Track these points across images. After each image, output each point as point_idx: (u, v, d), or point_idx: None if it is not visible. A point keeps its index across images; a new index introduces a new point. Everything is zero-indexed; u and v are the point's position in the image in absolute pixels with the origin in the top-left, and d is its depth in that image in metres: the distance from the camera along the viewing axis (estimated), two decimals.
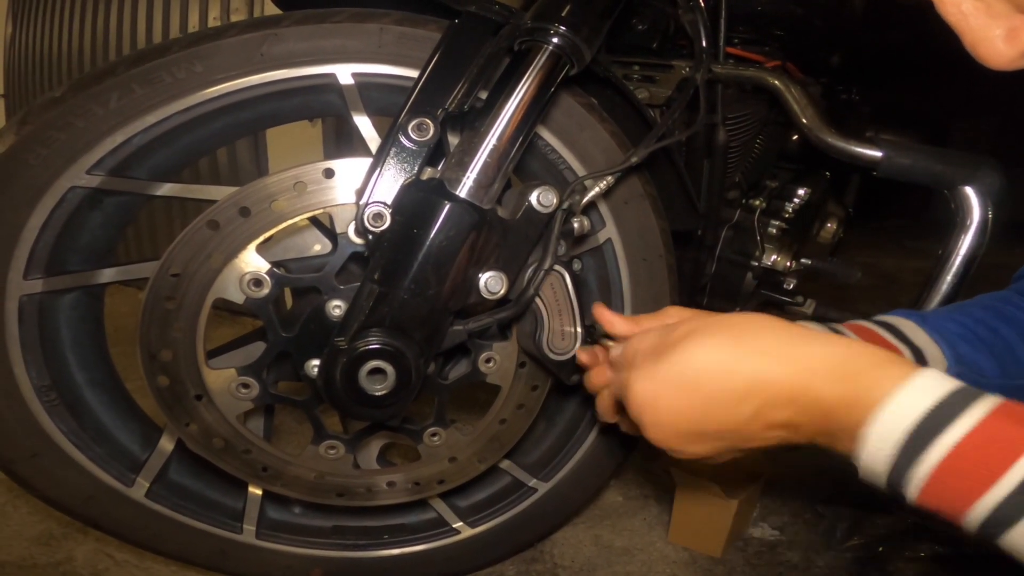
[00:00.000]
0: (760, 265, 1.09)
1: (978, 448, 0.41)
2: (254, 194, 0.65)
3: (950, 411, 0.42)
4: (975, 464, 0.41)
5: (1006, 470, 0.40)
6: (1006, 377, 0.65)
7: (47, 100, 0.64)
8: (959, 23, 0.44)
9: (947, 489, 0.42)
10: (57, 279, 0.68)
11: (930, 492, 0.42)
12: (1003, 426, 0.41)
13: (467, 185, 0.61)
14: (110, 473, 0.74)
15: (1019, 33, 0.43)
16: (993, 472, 0.40)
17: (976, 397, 0.42)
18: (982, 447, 0.41)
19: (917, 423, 0.42)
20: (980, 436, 0.41)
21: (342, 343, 0.63)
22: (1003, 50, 0.43)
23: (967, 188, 0.85)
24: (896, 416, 0.42)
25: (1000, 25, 0.43)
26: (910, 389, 0.43)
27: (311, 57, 0.67)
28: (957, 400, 0.42)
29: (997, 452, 0.40)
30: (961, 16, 0.44)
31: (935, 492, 0.42)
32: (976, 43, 0.44)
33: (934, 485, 0.42)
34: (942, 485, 0.42)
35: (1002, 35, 0.43)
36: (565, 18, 0.63)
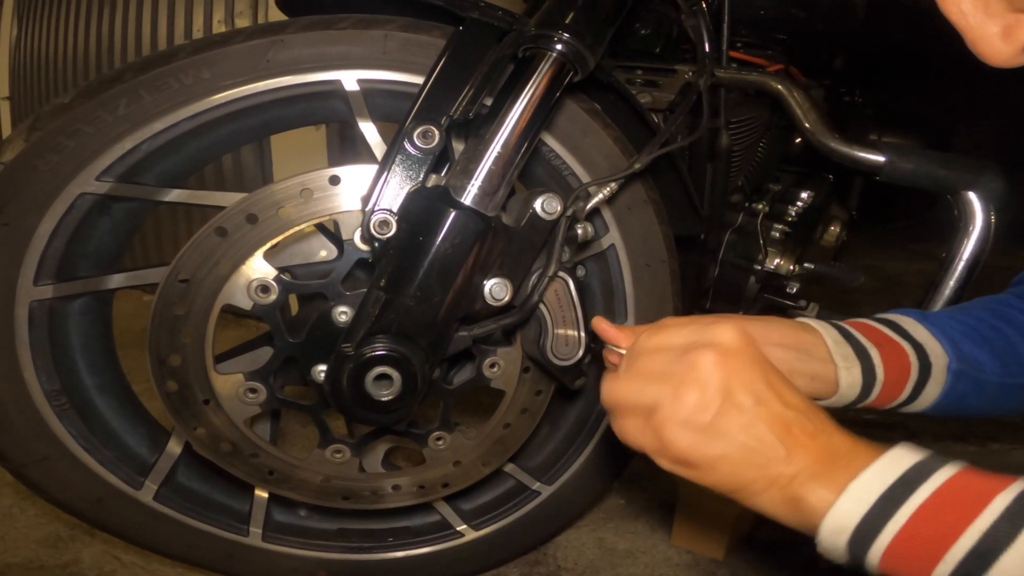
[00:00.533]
0: (763, 269, 1.09)
1: (907, 547, 0.43)
2: (261, 201, 0.66)
3: (883, 512, 0.44)
4: (920, 547, 0.43)
5: (948, 549, 0.41)
6: (1007, 375, 0.65)
7: (56, 106, 0.65)
8: (959, 21, 0.45)
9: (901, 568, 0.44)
10: (67, 285, 0.68)
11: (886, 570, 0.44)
12: (926, 527, 0.43)
13: (472, 192, 0.62)
14: (119, 476, 0.75)
15: (1015, 31, 0.44)
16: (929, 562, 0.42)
17: (915, 484, 0.44)
18: (917, 540, 0.43)
19: (853, 531, 0.44)
20: (911, 532, 0.43)
21: (349, 349, 0.64)
22: (1001, 47, 0.44)
23: (970, 193, 0.85)
24: (838, 523, 0.45)
25: (997, 23, 0.44)
26: (847, 498, 0.45)
27: (316, 64, 0.68)
28: (887, 500, 0.44)
29: (925, 550, 0.42)
30: (961, 15, 0.45)
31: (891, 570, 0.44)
32: (975, 41, 0.45)
33: (886, 569, 0.44)
34: (894, 568, 0.44)
35: (999, 33, 0.44)
36: (569, 25, 0.63)
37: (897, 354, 0.63)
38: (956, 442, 1.30)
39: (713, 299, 1.09)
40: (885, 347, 0.63)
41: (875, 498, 0.44)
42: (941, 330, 0.65)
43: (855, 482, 0.45)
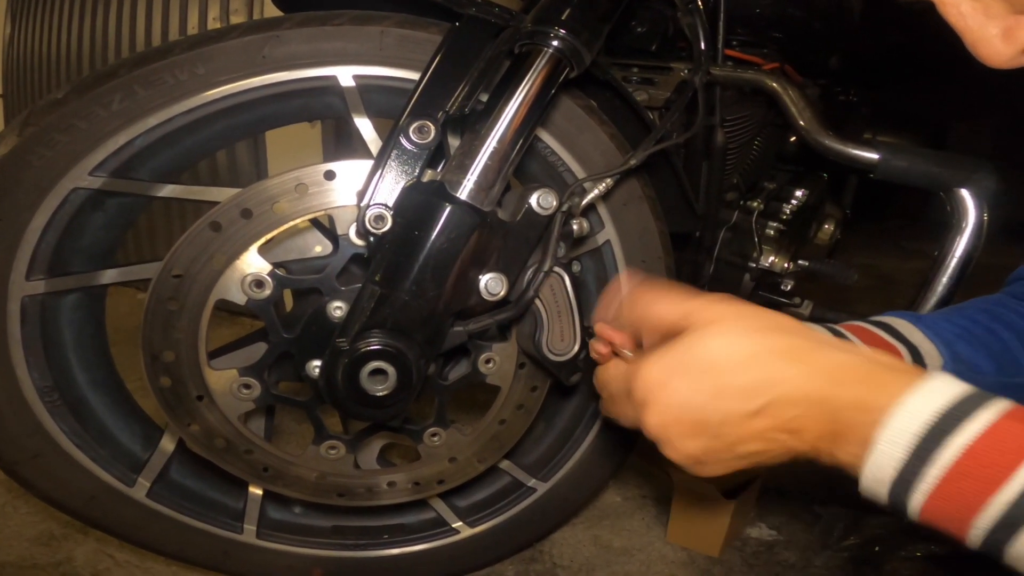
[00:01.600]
0: (758, 267, 1.10)
1: (989, 449, 0.40)
2: (256, 196, 0.66)
3: (961, 413, 0.41)
4: (986, 465, 0.40)
5: (1015, 469, 0.39)
6: (1003, 375, 0.66)
7: (49, 102, 0.64)
8: (959, 23, 0.45)
9: (956, 493, 0.41)
10: (59, 280, 0.68)
11: (938, 497, 0.41)
12: (1015, 427, 0.40)
13: (468, 187, 0.62)
14: (112, 473, 0.75)
15: (1015, 32, 0.44)
16: (1003, 472, 0.39)
17: (988, 399, 0.42)
18: (993, 448, 0.40)
19: (930, 424, 0.41)
20: (992, 437, 0.40)
21: (344, 344, 0.64)
22: (1001, 49, 0.44)
23: (963, 190, 0.86)
24: (909, 418, 0.42)
25: (997, 25, 0.44)
26: (923, 392, 0.42)
27: (312, 59, 0.68)
28: (969, 403, 0.42)
29: (1008, 452, 0.40)
30: (960, 17, 0.45)
31: (943, 496, 0.41)
32: (975, 42, 0.45)
33: (944, 488, 0.41)
34: (952, 488, 0.41)
35: (999, 34, 0.44)
36: (565, 21, 0.63)
37: (892, 356, 0.63)
38: None
39: None
40: (880, 350, 0.63)
41: (912, 444, 0.41)
42: (936, 332, 0.66)
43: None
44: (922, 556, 0.98)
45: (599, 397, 0.65)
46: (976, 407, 0.41)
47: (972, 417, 0.41)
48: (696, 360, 0.48)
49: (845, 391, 0.44)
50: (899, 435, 0.42)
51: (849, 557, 1.01)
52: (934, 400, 0.42)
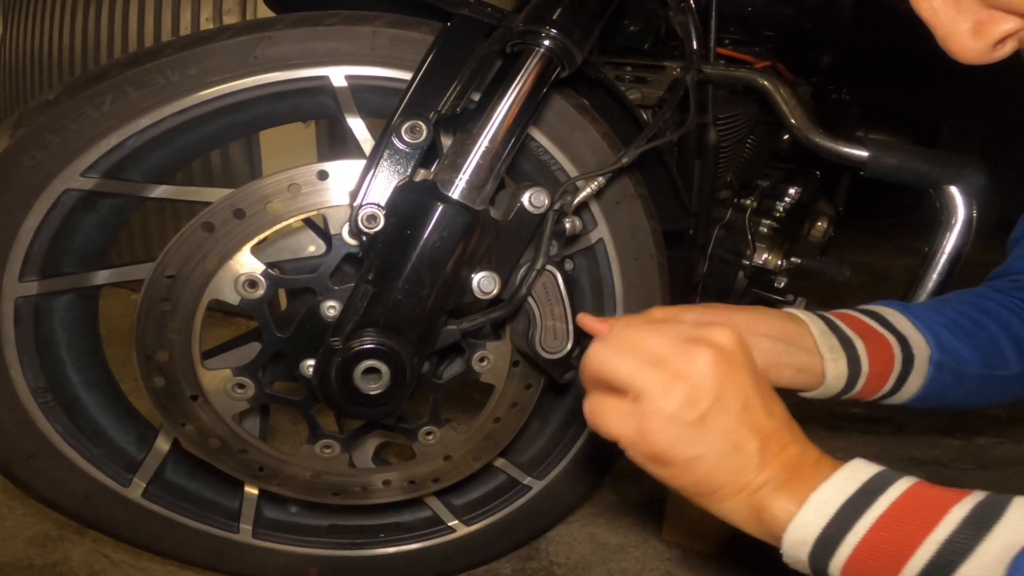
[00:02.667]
0: (751, 264, 1.10)
1: (900, 517, 0.43)
2: (249, 196, 0.66)
3: (877, 488, 0.45)
4: (899, 530, 0.43)
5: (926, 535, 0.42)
6: (986, 367, 0.66)
7: (41, 103, 0.64)
8: (930, 18, 0.45)
9: (874, 556, 0.44)
10: (52, 281, 0.68)
11: (856, 561, 0.44)
12: (925, 492, 0.44)
13: (460, 186, 0.62)
14: (107, 473, 0.75)
15: (986, 27, 0.44)
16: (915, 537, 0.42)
17: (898, 476, 0.45)
18: (904, 515, 0.43)
19: (812, 546, 0.45)
20: (903, 506, 0.44)
21: (337, 343, 0.64)
22: (971, 44, 0.44)
23: (952, 188, 0.87)
24: (799, 535, 0.46)
25: (968, 19, 0.44)
26: (808, 510, 0.45)
27: (305, 60, 0.68)
28: (883, 478, 0.45)
29: (920, 516, 0.43)
30: (932, 11, 0.45)
31: (861, 560, 0.44)
32: (946, 37, 0.45)
33: (861, 551, 0.44)
34: (869, 552, 0.44)
35: (969, 29, 0.44)
36: (556, 21, 0.63)
37: (881, 346, 0.64)
38: (942, 436, 1.32)
39: (702, 294, 1.09)
40: (870, 339, 0.64)
41: (835, 510, 0.45)
42: (924, 322, 0.66)
43: (816, 493, 0.45)
44: None
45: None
46: (895, 478, 0.45)
47: (893, 484, 0.45)
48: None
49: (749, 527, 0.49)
50: (827, 500, 0.45)
51: None
52: (860, 473, 0.46)
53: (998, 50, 0.45)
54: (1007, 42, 0.45)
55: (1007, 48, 0.45)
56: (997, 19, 0.43)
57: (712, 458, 0.47)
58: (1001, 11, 0.43)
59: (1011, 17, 0.43)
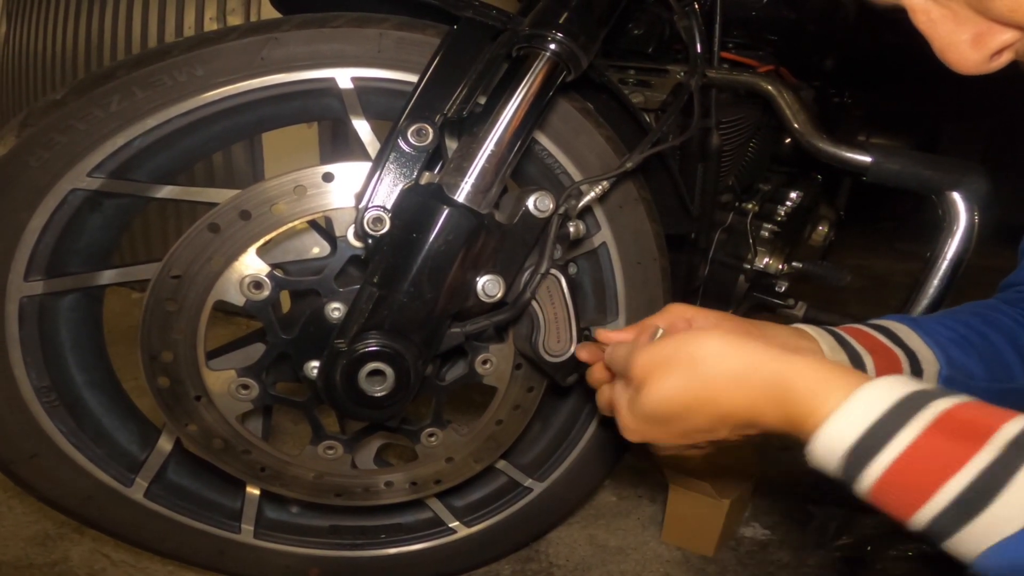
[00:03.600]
0: (752, 268, 1.11)
1: (910, 468, 0.42)
2: (254, 198, 0.66)
3: (886, 430, 0.43)
4: (909, 482, 0.42)
5: (937, 489, 0.41)
6: (994, 380, 0.67)
7: (48, 103, 0.64)
8: (929, 30, 0.46)
9: (888, 501, 0.44)
10: (57, 281, 0.68)
11: (875, 501, 0.44)
12: (937, 443, 0.42)
13: (465, 190, 0.62)
14: (109, 473, 0.75)
15: (984, 38, 0.44)
16: (925, 492, 0.42)
17: (912, 412, 0.43)
18: (914, 467, 0.42)
19: (851, 446, 0.43)
20: (912, 456, 0.42)
21: (342, 345, 0.64)
22: (969, 55, 0.45)
23: (954, 193, 0.87)
24: (832, 440, 0.44)
25: (966, 31, 0.45)
26: (845, 412, 0.44)
27: (311, 61, 0.68)
28: (893, 418, 0.43)
29: (929, 471, 0.42)
30: (930, 23, 0.46)
31: (879, 501, 0.44)
32: (944, 49, 0.46)
33: (877, 496, 0.44)
34: (883, 497, 0.44)
35: (968, 40, 0.45)
36: (563, 25, 0.64)
37: (890, 361, 0.64)
38: None
39: (703, 297, 1.10)
40: (879, 354, 0.64)
41: (878, 415, 0.43)
42: (933, 338, 0.66)
43: (860, 391, 0.44)
44: (914, 555, 0.99)
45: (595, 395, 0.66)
46: (898, 425, 0.43)
47: (893, 438, 0.43)
48: (655, 412, 0.53)
49: (775, 413, 0.48)
50: (829, 454, 0.44)
51: (842, 556, 1.02)
52: (856, 423, 0.44)
53: (995, 61, 0.46)
54: (1004, 53, 0.45)
55: (1004, 59, 0.46)
56: (996, 31, 0.44)
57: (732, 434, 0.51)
58: (999, 23, 0.44)
59: (1009, 29, 0.44)
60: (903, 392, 0.44)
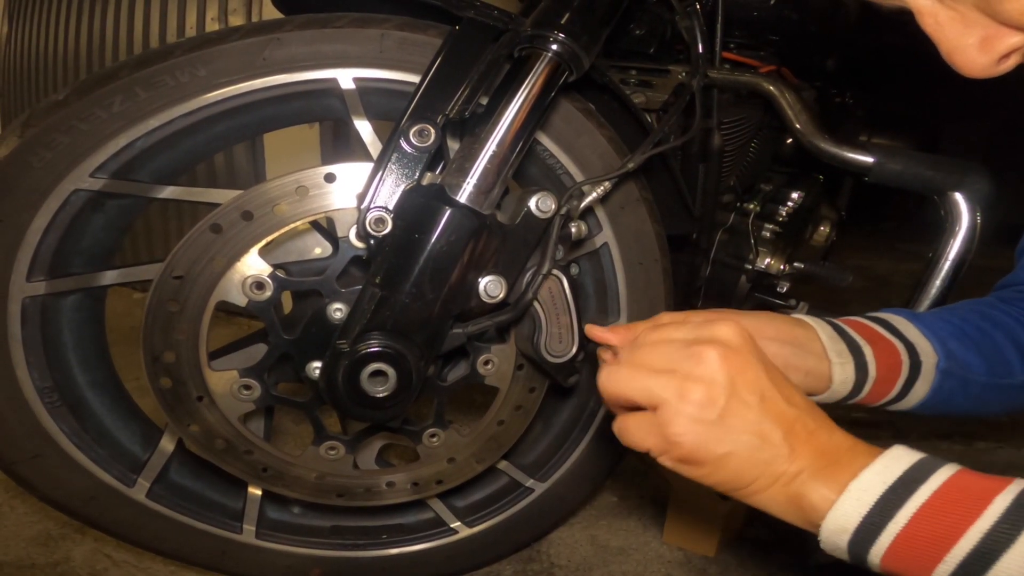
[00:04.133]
0: (754, 268, 1.10)
1: (912, 542, 0.43)
2: (257, 198, 0.66)
3: (920, 474, 0.44)
4: (914, 555, 0.43)
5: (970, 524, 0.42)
6: (993, 376, 0.67)
7: (50, 103, 0.64)
8: (936, 33, 0.46)
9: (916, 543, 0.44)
10: (60, 281, 0.68)
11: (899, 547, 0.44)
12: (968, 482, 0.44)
13: (467, 191, 0.62)
14: (111, 474, 0.75)
15: (992, 42, 0.44)
16: (931, 562, 0.43)
17: (941, 463, 0.45)
18: (917, 540, 0.43)
19: (892, 483, 0.45)
20: (910, 533, 0.43)
21: (344, 345, 0.64)
22: (977, 58, 0.45)
23: (956, 194, 0.87)
24: (835, 535, 0.45)
25: (974, 34, 0.45)
26: (839, 508, 0.45)
27: (313, 62, 0.68)
28: (926, 465, 0.45)
29: (927, 548, 0.43)
30: (937, 26, 0.46)
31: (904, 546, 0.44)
32: (952, 51, 0.46)
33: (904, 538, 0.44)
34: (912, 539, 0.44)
35: (975, 43, 0.45)
36: (564, 26, 0.64)
37: (889, 352, 0.64)
38: (942, 440, 1.32)
39: (704, 298, 1.10)
40: (878, 345, 0.64)
41: (876, 498, 0.44)
42: (931, 330, 0.66)
43: (856, 481, 0.45)
44: None
45: (599, 397, 0.65)
46: (937, 466, 0.45)
47: (936, 472, 0.44)
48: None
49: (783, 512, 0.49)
50: (867, 487, 0.45)
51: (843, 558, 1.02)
52: (901, 461, 0.45)
53: (1003, 64, 0.46)
54: (1012, 56, 0.45)
55: (1011, 62, 0.46)
56: (1004, 34, 0.44)
57: (741, 453, 0.47)
58: (1008, 26, 0.43)
59: (1018, 32, 0.44)
60: (896, 474, 0.45)
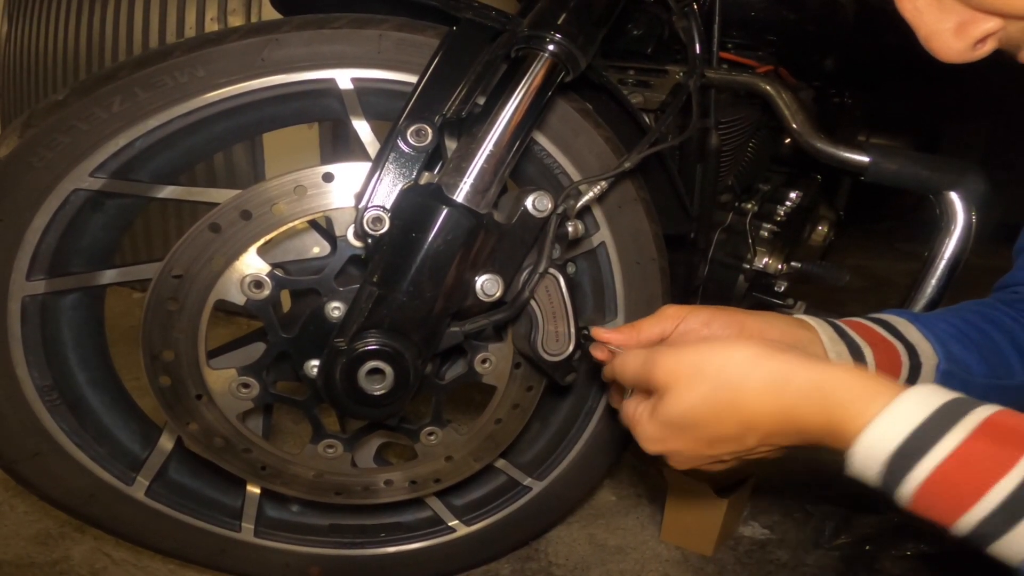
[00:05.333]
0: (752, 268, 1.11)
1: (957, 471, 0.42)
2: (255, 198, 0.66)
3: (931, 434, 0.43)
4: (955, 486, 0.42)
5: (985, 492, 0.41)
6: (993, 377, 0.67)
7: (50, 103, 0.65)
8: (914, 19, 0.47)
9: (932, 505, 0.43)
10: (59, 280, 0.68)
11: (918, 506, 0.44)
12: (983, 447, 0.42)
13: (464, 190, 0.63)
14: (111, 472, 0.75)
15: (967, 27, 0.45)
16: (972, 495, 0.41)
17: (956, 417, 0.43)
18: (961, 470, 0.42)
19: (896, 449, 0.43)
20: (959, 459, 0.42)
21: (342, 344, 0.64)
22: (953, 43, 0.46)
23: (952, 193, 0.87)
24: (876, 444, 0.44)
25: (951, 20, 0.46)
26: (888, 416, 0.44)
27: (311, 62, 0.68)
28: (937, 422, 0.43)
29: (976, 475, 0.41)
30: (916, 12, 0.47)
31: (922, 506, 0.43)
32: (929, 36, 0.47)
33: (920, 501, 0.43)
34: (927, 501, 0.43)
35: (952, 29, 0.46)
36: (561, 26, 0.64)
37: (889, 353, 0.65)
38: None
39: (702, 297, 1.10)
40: (878, 346, 0.64)
41: (918, 422, 0.43)
42: (932, 331, 0.67)
43: (899, 400, 0.44)
44: (912, 555, 1.00)
45: (600, 393, 0.66)
46: (945, 428, 0.43)
47: (940, 440, 0.43)
48: (682, 422, 0.51)
49: (816, 419, 0.47)
50: (871, 460, 0.44)
51: (840, 556, 1.02)
52: (901, 425, 0.44)
53: (978, 49, 0.47)
54: (987, 41, 0.46)
55: (987, 47, 0.47)
56: (979, 19, 0.45)
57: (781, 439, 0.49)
58: (982, 11, 0.44)
59: (992, 17, 0.45)
60: (944, 399, 0.44)
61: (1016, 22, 0.45)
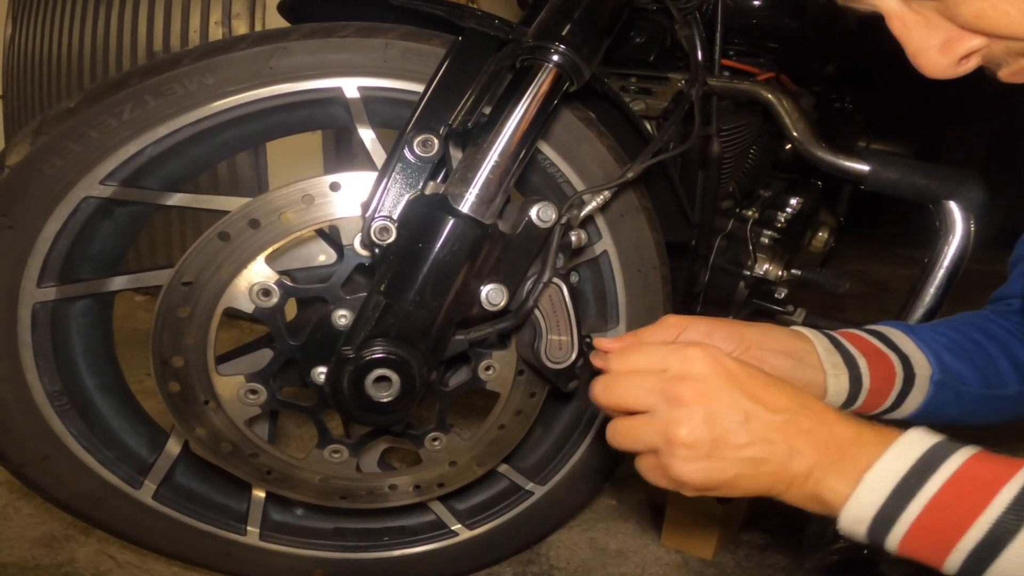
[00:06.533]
0: (752, 274, 1.11)
1: (933, 520, 0.44)
2: (264, 207, 0.67)
3: (904, 494, 0.45)
4: (933, 533, 0.44)
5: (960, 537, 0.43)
6: (986, 387, 0.68)
7: (61, 111, 0.66)
8: (903, 35, 0.48)
9: (918, 554, 0.45)
10: (70, 287, 0.69)
11: (906, 555, 0.46)
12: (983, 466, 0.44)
13: (470, 201, 0.63)
14: (119, 476, 0.76)
15: (953, 44, 0.47)
16: (949, 541, 0.44)
17: (958, 446, 0.45)
18: (937, 518, 0.44)
19: (873, 517, 0.46)
20: (932, 512, 0.44)
21: (349, 352, 0.65)
22: (938, 59, 0.47)
23: (951, 203, 0.88)
24: (856, 515, 0.46)
25: (937, 37, 0.47)
26: (862, 489, 0.46)
27: (318, 71, 0.69)
28: (943, 448, 0.45)
29: (951, 521, 0.44)
30: (905, 29, 0.48)
31: (910, 555, 0.46)
32: (916, 53, 0.48)
33: (906, 553, 0.46)
34: (912, 553, 0.45)
35: (938, 45, 0.47)
36: (566, 37, 0.65)
37: (883, 364, 0.65)
38: None
39: (703, 304, 1.11)
40: (873, 357, 0.65)
41: (890, 489, 0.45)
42: (926, 342, 0.68)
43: (870, 473, 0.46)
44: None
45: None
46: (949, 452, 0.45)
47: (947, 460, 0.45)
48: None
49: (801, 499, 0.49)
50: (855, 525, 0.46)
51: (839, 559, 1.03)
52: (913, 449, 0.46)
53: (962, 65, 0.48)
54: (971, 58, 0.48)
55: (971, 63, 0.48)
56: (964, 37, 0.46)
57: (746, 471, 0.48)
58: (967, 29, 0.46)
59: (976, 36, 0.46)
60: (909, 462, 0.46)
61: (999, 41, 0.46)
